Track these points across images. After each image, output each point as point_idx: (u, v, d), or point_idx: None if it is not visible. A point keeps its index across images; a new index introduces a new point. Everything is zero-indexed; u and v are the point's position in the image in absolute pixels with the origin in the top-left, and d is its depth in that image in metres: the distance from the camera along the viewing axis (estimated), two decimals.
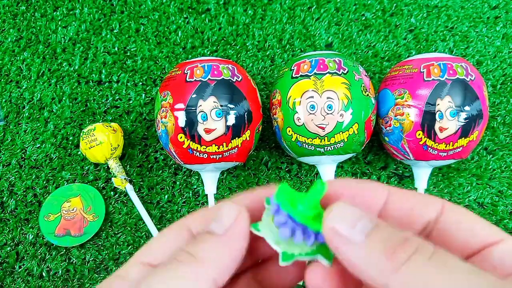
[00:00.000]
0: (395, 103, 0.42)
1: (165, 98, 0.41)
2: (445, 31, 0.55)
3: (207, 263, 0.15)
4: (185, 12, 0.57)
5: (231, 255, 0.15)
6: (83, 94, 0.53)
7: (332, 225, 0.15)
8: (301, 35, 0.55)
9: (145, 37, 0.55)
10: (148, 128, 0.51)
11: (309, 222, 0.16)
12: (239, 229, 0.16)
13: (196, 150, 0.41)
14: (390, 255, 0.13)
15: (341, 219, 0.15)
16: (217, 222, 0.16)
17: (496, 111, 0.52)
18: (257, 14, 0.56)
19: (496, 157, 0.49)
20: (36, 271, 0.45)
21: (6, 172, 0.49)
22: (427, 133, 0.40)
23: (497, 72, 0.53)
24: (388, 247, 0.13)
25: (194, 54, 0.55)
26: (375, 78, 0.53)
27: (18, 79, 0.54)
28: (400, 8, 0.56)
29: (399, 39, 0.55)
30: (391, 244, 0.13)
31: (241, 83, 0.42)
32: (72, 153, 0.50)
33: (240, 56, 0.54)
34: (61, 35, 0.56)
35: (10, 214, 0.48)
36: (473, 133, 0.40)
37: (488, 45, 0.55)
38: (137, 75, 0.53)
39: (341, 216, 0.15)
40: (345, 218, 0.15)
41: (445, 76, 0.40)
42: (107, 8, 0.57)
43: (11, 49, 0.55)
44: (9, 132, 0.51)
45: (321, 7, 0.57)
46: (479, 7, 0.57)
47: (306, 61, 0.42)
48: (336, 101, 0.40)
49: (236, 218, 0.16)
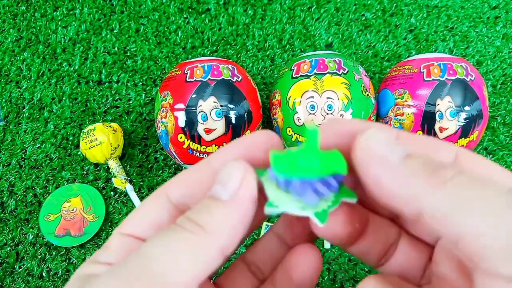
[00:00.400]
0: (395, 103, 0.42)
1: (165, 98, 0.41)
2: (445, 31, 0.55)
3: (215, 231, 0.14)
4: (185, 12, 0.57)
5: (240, 221, 0.14)
6: (83, 94, 0.53)
7: (367, 144, 0.14)
8: (301, 35, 0.55)
9: (145, 37, 0.55)
10: (148, 128, 0.51)
11: (322, 171, 0.15)
12: (247, 191, 0.14)
13: (196, 150, 0.41)
14: (431, 174, 0.13)
15: (378, 139, 0.14)
16: (221, 186, 0.14)
17: (496, 111, 0.52)
18: (257, 14, 0.56)
19: (496, 157, 0.49)
20: (36, 271, 0.45)
21: (6, 172, 0.49)
22: (427, 133, 0.40)
23: (497, 72, 0.53)
24: (428, 169, 0.13)
25: (194, 54, 0.55)
26: (375, 78, 0.53)
27: (18, 79, 0.54)
28: (400, 8, 0.56)
29: (399, 39, 0.55)
30: (431, 166, 0.13)
31: (241, 83, 0.42)
32: (72, 153, 0.50)
33: (240, 56, 0.54)
34: (61, 35, 0.56)
35: (10, 214, 0.48)
36: (473, 133, 0.40)
37: (488, 45, 0.55)
38: (137, 75, 0.53)
39: (377, 137, 0.14)
40: (381, 139, 0.14)
41: (445, 76, 0.40)
42: (107, 8, 0.57)
43: (11, 49, 0.55)
44: (9, 132, 0.51)
45: (321, 7, 0.57)
46: (479, 7, 0.57)
47: (306, 61, 0.42)
48: (336, 101, 0.40)
49: (243, 179, 0.14)
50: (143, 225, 0.16)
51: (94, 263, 0.15)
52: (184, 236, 0.13)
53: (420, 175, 0.13)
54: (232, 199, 0.14)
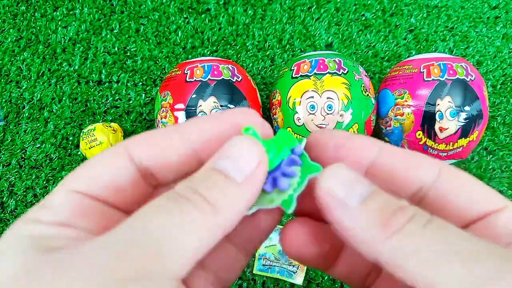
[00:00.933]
0: (395, 103, 0.42)
1: (165, 98, 0.41)
2: (445, 31, 0.55)
3: (225, 212, 0.13)
4: (185, 12, 0.57)
5: (247, 204, 0.14)
6: (83, 94, 0.53)
7: (327, 186, 0.14)
8: (301, 35, 0.55)
9: (145, 37, 0.55)
10: (148, 128, 0.51)
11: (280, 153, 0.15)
12: (262, 174, 0.14)
13: None
14: (384, 223, 0.13)
15: (337, 181, 0.14)
16: (231, 162, 0.13)
17: (496, 111, 0.52)
18: (257, 14, 0.56)
19: (496, 157, 0.49)
20: None
21: (6, 172, 0.49)
22: (427, 133, 0.40)
23: (497, 72, 0.53)
24: (382, 215, 0.13)
25: (194, 54, 0.55)
26: (375, 78, 0.53)
27: (18, 79, 0.54)
28: (400, 8, 0.56)
29: (399, 39, 0.55)
30: (387, 212, 0.13)
31: (241, 83, 0.42)
32: (72, 153, 0.50)
33: (240, 56, 0.54)
34: (61, 35, 0.56)
35: (10, 214, 0.48)
36: (473, 133, 0.40)
37: (488, 45, 0.55)
38: (137, 75, 0.53)
39: (338, 178, 0.14)
40: (341, 180, 0.14)
41: (445, 76, 0.40)
42: (107, 8, 0.57)
43: (11, 49, 0.55)
44: (9, 132, 0.51)
45: (321, 7, 0.57)
46: (479, 7, 0.57)
47: (306, 61, 0.42)
48: (336, 101, 0.40)
49: (259, 164, 0.14)
50: (98, 183, 0.14)
51: (36, 222, 0.13)
52: (190, 210, 0.12)
53: (376, 224, 0.13)
54: (247, 181, 0.13)
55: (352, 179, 0.14)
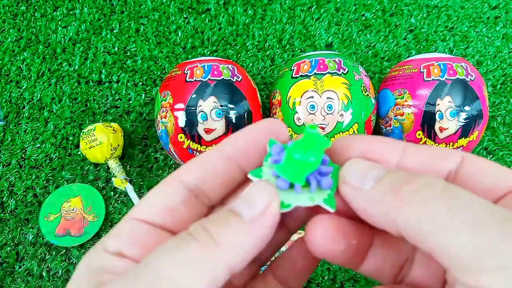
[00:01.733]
0: (395, 103, 0.42)
1: (165, 98, 0.41)
2: (445, 31, 0.55)
3: (227, 248, 0.13)
4: (185, 12, 0.57)
5: (255, 243, 0.14)
6: (83, 94, 0.53)
7: (345, 180, 0.15)
8: (301, 35, 0.55)
9: (145, 37, 0.55)
10: (148, 128, 0.51)
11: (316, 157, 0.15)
12: (269, 219, 0.14)
13: (196, 150, 0.41)
14: (397, 190, 0.13)
15: (352, 172, 0.15)
16: (244, 204, 0.14)
17: (496, 111, 0.52)
18: (257, 14, 0.56)
19: (496, 157, 0.49)
20: (36, 271, 0.45)
21: (6, 172, 0.49)
22: (427, 133, 0.40)
23: (497, 72, 0.53)
24: (395, 185, 0.13)
25: (194, 54, 0.55)
26: (375, 78, 0.53)
27: (18, 79, 0.54)
28: (400, 8, 0.56)
29: (399, 39, 0.55)
30: (399, 182, 0.13)
31: (241, 83, 0.42)
32: (72, 153, 0.50)
33: (240, 56, 0.54)
34: (61, 35, 0.56)
35: (10, 214, 0.48)
36: (473, 133, 0.40)
37: (488, 45, 0.55)
38: (137, 75, 0.53)
39: (350, 170, 0.15)
40: (355, 170, 0.15)
41: (445, 76, 0.40)
42: (107, 8, 0.57)
43: (11, 49, 0.55)
44: (9, 132, 0.51)
45: (321, 7, 0.57)
46: (479, 7, 0.57)
47: (306, 61, 0.42)
48: (336, 101, 0.40)
49: (268, 206, 0.14)
50: (155, 210, 0.15)
51: (103, 252, 0.14)
52: (192, 246, 0.13)
53: (386, 193, 0.13)
54: (253, 222, 0.14)
55: (366, 167, 0.15)
